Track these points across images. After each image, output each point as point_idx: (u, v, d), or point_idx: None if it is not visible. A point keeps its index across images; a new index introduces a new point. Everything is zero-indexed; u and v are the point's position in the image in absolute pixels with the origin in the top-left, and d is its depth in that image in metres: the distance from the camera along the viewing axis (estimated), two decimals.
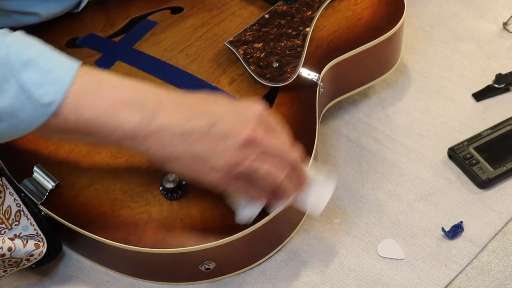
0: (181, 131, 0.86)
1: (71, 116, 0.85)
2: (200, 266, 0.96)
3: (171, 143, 0.87)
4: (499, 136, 1.14)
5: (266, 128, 0.89)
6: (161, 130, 0.86)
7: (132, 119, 0.86)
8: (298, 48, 1.09)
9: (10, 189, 0.99)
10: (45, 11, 1.11)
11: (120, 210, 0.97)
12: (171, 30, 1.15)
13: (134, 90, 0.88)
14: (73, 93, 0.84)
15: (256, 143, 0.88)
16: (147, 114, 0.86)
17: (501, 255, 1.04)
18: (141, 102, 0.86)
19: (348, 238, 1.05)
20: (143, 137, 0.86)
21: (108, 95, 0.86)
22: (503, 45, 1.29)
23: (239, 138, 0.87)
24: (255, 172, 0.88)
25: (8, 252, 0.92)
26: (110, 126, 0.86)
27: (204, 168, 0.88)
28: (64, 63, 0.86)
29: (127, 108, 0.86)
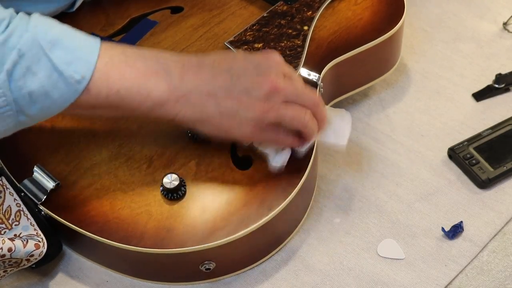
0: (207, 90, 0.90)
1: (102, 90, 0.87)
2: (200, 266, 0.96)
3: (200, 103, 0.90)
4: (499, 136, 1.14)
5: (284, 75, 0.93)
6: (189, 92, 0.89)
7: (161, 85, 0.89)
8: (298, 48, 1.09)
9: (10, 189, 0.99)
10: (39, 12, 1.10)
11: (120, 210, 0.97)
12: (171, 30, 1.15)
13: (157, 58, 0.91)
14: (101, 67, 0.87)
15: (278, 91, 0.91)
16: (173, 79, 0.89)
17: (501, 255, 1.04)
18: (166, 69, 0.89)
19: (348, 238, 1.05)
20: (172, 102, 0.89)
21: (134, 66, 0.89)
22: (503, 45, 1.29)
23: (262, 90, 0.91)
24: (283, 117, 0.92)
25: (8, 253, 0.92)
26: (141, 95, 0.88)
27: (234, 123, 0.91)
28: (87, 40, 0.88)
29: (155, 75, 0.89)
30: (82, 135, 1.03)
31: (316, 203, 1.08)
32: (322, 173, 1.12)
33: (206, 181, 0.98)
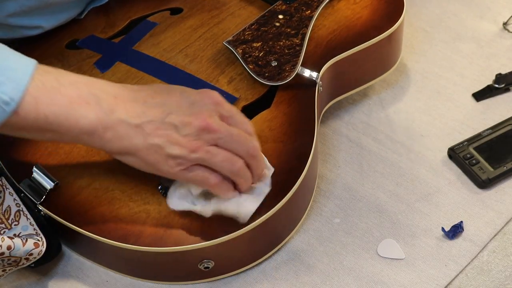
0: (137, 123, 0.89)
1: (31, 113, 0.86)
2: (199, 265, 0.96)
3: (127, 135, 0.89)
4: (499, 136, 1.14)
5: (221, 115, 0.91)
6: (118, 123, 0.88)
7: (90, 114, 0.87)
8: (297, 47, 1.09)
9: (9, 189, 0.99)
10: (48, 24, 1.12)
11: (118, 209, 0.97)
12: (170, 31, 1.15)
13: (91, 86, 0.89)
14: (31, 90, 0.85)
15: (209, 131, 0.90)
16: (103, 109, 0.88)
17: (501, 255, 1.04)
18: (98, 98, 0.88)
19: (348, 238, 1.05)
20: (101, 132, 0.88)
21: (66, 92, 0.87)
22: (503, 45, 1.29)
23: (192, 127, 0.89)
24: (212, 157, 0.90)
25: (7, 251, 0.92)
26: (69, 122, 0.87)
27: (161, 158, 0.90)
28: (21, 62, 0.87)
29: (85, 104, 0.88)
30: None
31: (316, 203, 1.08)
32: (322, 173, 1.12)
33: None
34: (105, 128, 0.88)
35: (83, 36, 1.15)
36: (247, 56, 1.08)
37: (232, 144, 0.91)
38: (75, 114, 0.87)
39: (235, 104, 1.06)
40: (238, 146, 0.92)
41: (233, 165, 0.92)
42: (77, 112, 0.87)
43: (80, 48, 1.14)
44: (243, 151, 0.92)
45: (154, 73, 1.09)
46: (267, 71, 1.07)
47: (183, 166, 0.90)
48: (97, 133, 0.88)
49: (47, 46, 1.14)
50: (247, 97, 1.07)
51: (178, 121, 0.89)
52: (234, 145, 0.91)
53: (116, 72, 1.10)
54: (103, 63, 1.11)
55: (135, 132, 0.89)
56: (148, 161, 0.91)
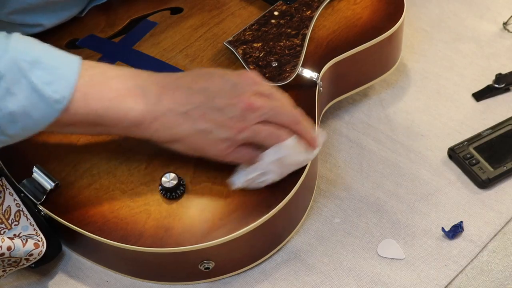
0: (184, 110, 0.91)
1: (81, 109, 0.88)
2: (200, 265, 0.96)
3: (175, 123, 0.91)
4: (499, 136, 1.14)
5: (262, 93, 0.94)
6: (165, 113, 0.91)
7: (138, 106, 0.90)
8: (297, 47, 1.09)
9: (9, 189, 0.99)
10: (49, 22, 1.12)
11: (119, 209, 0.97)
12: (170, 31, 1.15)
13: (136, 78, 0.92)
14: (80, 87, 0.88)
15: (253, 110, 0.92)
16: (151, 99, 0.90)
17: (501, 255, 1.04)
18: (144, 89, 0.91)
19: (348, 238, 1.05)
20: (149, 122, 0.91)
21: (113, 85, 0.90)
22: (503, 45, 1.29)
23: (237, 109, 0.91)
24: (258, 134, 0.93)
25: (8, 251, 0.92)
26: (119, 115, 0.90)
27: (209, 142, 0.92)
28: (67, 59, 0.89)
29: (132, 96, 0.90)
30: (81, 136, 1.03)
31: (316, 203, 1.08)
32: (322, 173, 1.12)
33: (205, 180, 0.98)
34: (154, 118, 0.90)
35: (83, 35, 1.15)
36: (247, 56, 1.08)
37: (276, 117, 0.94)
38: (124, 107, 0.90)
39: None
40: (282, 117, 0.94)
41: (278, 138, 0.94)
42: (126, 104, 0.90)
43: (80, 47, 1.14)
44: (288, 120, 0.95)
45: None
46: (268, 72, 1.07)
47: (232, 147, 0.93)
48: (146, 123, 0.91)
49: None
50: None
51: (222, 104, 0.91)
52: (278, 117, 0.94)
53: None
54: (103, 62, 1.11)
55: (183, 119, 0.91)
56: (197, 146, 0.93)
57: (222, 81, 0.93)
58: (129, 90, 0.90)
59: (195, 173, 0.98)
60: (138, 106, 0.90)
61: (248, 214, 0.95)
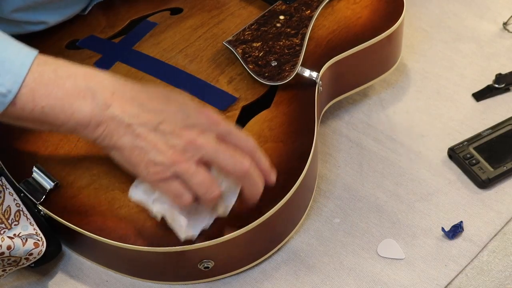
0: (128, 122, 0.89)
1: (28, 105, 0.87)
2: (199, 264, 0.96)
3: (117, 132, 0.89)
4: (499, 136, 1.14)
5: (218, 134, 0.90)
6: (110, 119, 0.89)
7: (85, 108, 0.88)
8: (296, 47, 1.09)
9: (9, 189, 0.99)
10: (52, 20, 1.12)
11: (119, 209, 0.97)
12: (170, 31, 1.15)
13: (89, 79, 0.90)
14: (29, 82, 0.87)
15: (196, 147, 0.89)
16: (99, 103, 0.89)
17: (501, 255, 1.04)
18: (94, 92, 0.89)
19: (348, 238, 1.05)
20: (94, 126, 0.89)
21: (64, 85, 0.88)
22: (503, 45, 1.29)
23: (181, 140, 0.89)
24: (191, 176, 0.89)
25: (7, 251, 0.92)
26: (65, 115, 0.88)
27: (143, 161, 0.89)
28: (21, 52, 0.88)
29: (81, 97, 0.88)
30: None
31: (316, 203, 1.08)
32: (322, 173, 1.12)
33: None
34: (98, 122, 0.89)
35: (83, 36, 1.15)
36: (247, 56, 1.08)
37: (219, 160, 0.90)
38: (70, 107, 0.88)
39: (235, 104, 1.06)
40: (226, 162, 0.90)
41: (209, 192, 0.90)
42: (73, 105, 0.88)
43: (80, 48, 1.14)
44: (231, 167, 0.90)
45: (154, 73, 1.09)
46: (267, 71, 1.07)
47: (161, 175, 0.89)
48: (91, 127, 0.89)
49: (47, 46, 1.14)
50: (247, 97, 1.07)
51: (168, 131, 0.89)
52: (222, 160, 0.90)
53: (116, 72, 1.09)
54: (103, 63, 1.11)
55: (125, 131, 0.89)
56: (130, 161, 0.90)
57: (177, 109, 0.91)
58: (78, 91, 0.88)
59: None
60: (85, 108, 0.88)
61: (247, 214, 0.95)
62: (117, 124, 0.89)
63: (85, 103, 0.88)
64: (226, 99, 1.06)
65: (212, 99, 1.06)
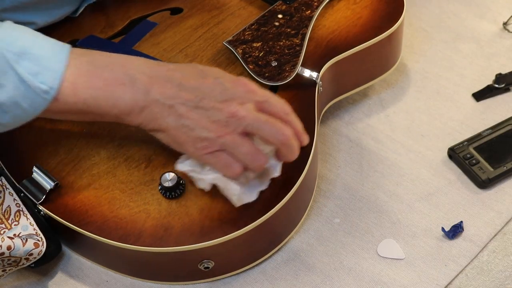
0: (170, 103, 0.91)
1: (70, 98, 0.89)
2: (199, 265, 0.96)
3: (161, 115, 0.91)
4: (499, 136, 1.14)
5: (256, 102, 0.92)
6: (153, 103, 0.91)
7: (126, 96, 0.90)
8: (297, 47, 1.09)
9: (9, 189, 0.99)
10: (42, 21, 1.11)
11: (119, 209, 0.97)
12: (170, 31, 1.15)
13: (126, 66, 0.92)
14: (68, 76, 0.89)
15: (239, 117, 0.91)
16: (139, 89, 0.90)
17: (501, 255, 1.04)
18: (133, 79, 0.91)
19: (348, 238, 1.05)
20: (137, 112, 0.91)
21: (102, 75, 0.90)
22: (503, 45, 1.29)
23: (222, 113, 0.91)
24: (237, 147, 0.91)
25: (7, 251, 0.92)
26: (107, 104, 0.90)
27: (190, 138, 0.91)
28: (56, 48, 0.89)
29: (121, 85, 0.90)
30: (81, 135, 1.03)
31: (316, 203, 1.08)
32: (322, 173, 1.12)
33: None
34: (141, 107, 0.91)
35: (83, 36, 1.15)
36: (247, 56, 1.08)
37: (261, 130, 0.91)
38: (112, 96, 0.90)
39: None
40: (268, 132, 0.92)
41: (256, 160, 0.92)
42: (114, 93, 0.90)
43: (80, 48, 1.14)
44: (273, 137, 0.92)
45: None
46: (267, 71, 1.07)
47: (209, 149, 0.92)
48: (134, 113, 0.91)
49: None
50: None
51: (209, 106, 0.91)
52: (264, 131, 0.92)
53: None
54: None
55: (168, 112, 0.91)
56: (177, 140, 0.92)
57: (214, 83, 0.92)
58: (117, 80, 0.90)
59: None
60: (126, 96, 0.90)
61: (247, 214, 0.95)
62: (159, 107, 0.91)
63: (126, 91, 0.90)
64: None
65: None
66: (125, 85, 0.90)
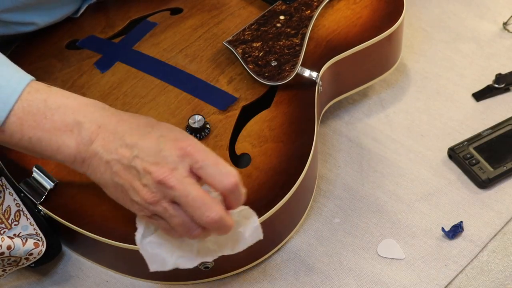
0: (107, 159, 0.87)
1: (16, 134, 0.87)
2: (199, 264, 0.96)
3: (99, 170, 0.88)
4: (499, 136, 1.14)
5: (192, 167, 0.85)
6: (93, 156, 0.87)
7: (70, 143, 0.87)
8: (296, 47, 1.09)
9: (9, 189, 0.99)
10: (42, 21, 1.11)
11: (119, 209, 0.96)
12: (170, 31, 1.15)
13: (78, 111, 0.88)
14: (17, 111, 0.86)
15: (167, 186, 0.84)
16: (83, 139, 0.87)
17: (501, 255, 1.04)
18: (81, 126, 0.87)
19: (348, 238, 1.05)
20: (79, 162, 0.88)
21: (52, 117, 0.87)
22: (503, 45, 1.29)
23: (151, 178, 0.85)
24: (169, 218, 0.86)
25: (7, 251, 0.92)
26: (51, 148, 0.88)
27: (126, 199, 0.88)
28: (13, 79, 0.87)
29: (68, 131, 0.87)
30: None
31: (316, 203, 1.08)
32: (322, 173, 1.12)
33: None
34: (83, 158, 0.88)
35: (83, 36, 1.15)
36: (247, 56, 1.08)
37: (187, 207, 0.85)
38: (57, 140, 0.87)
39: (235, 104, 1.05)
40: (192, 211, 0.85)
41: (190, 231, 0.86)
42: (59, 139, 0.87)
43: (80, 48, 1.14)
44: (197, 217, 0.85)
45: (154, 73, 1.09)
46: (267, 71, 1.07)
47: (146, 213, 0.88)
48: (77, 162, 0.88)
49: (47, 46, 1.14)
50: (247, 97, 1.07)
51: (141, 167, 0.85)
52: (189, 208, 0.85)
53: (116, 72, 1.10)
54: (103, 63, 1.11)
55: (105, 167, 0.87)
56: (117, 198, 0.89)
57: (153, 142, 0.86)
58: (66, 125, 0.87)
59: None
60: (71, 144, 0.87)
61: None
62: (98, 161, 0.87)
63: (71, 138, 0.87)
64: (226, 99, 1.06)
65: (212, 99, 1.06)
66: (72, 131, 0.87)
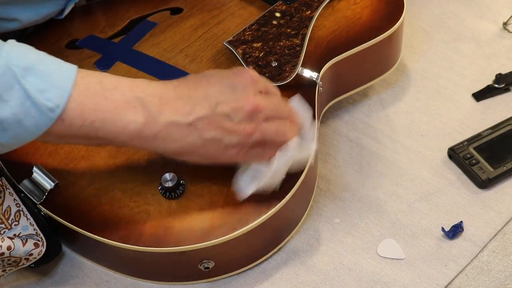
0: (188, 121, 0.88)
1: (76, 119, 0.85)
2: (199, 265, 0.96)
3: (181, 136, 0.88)
4: (499, 136, 1.14)
5: (261, 92, 0.92)
6: (169, 125, 0.87)
7: (138, 118, 0.86)
8: (297, 47, 1.09)
9: (10, 189, 0.99)
10: (26, 17, 1.09)
11: (119, 209, 0.97)
12: (170, 31, 1.15)
13: (134, 88, 0.88)
14: (76, 96, 0.84)
15: (259, 111, 0.90)
16: (151, 112, 0.87)
17: (501, 255, 1.04)
18: (143, 101, 0.87)
19: (348, 238, 1.05)
20: (151, 136, 0.87)
21: (111, 97, 0.86)
22: (503, 45, 1.29)
23: (244, 112, 0.89)
24: (266, 134, 0.91)
25: (7, 251, 0.92)
26: (117, 128, 0.86)
27: (220, 149, 0.90)
28: (63, 67, 0.86)
29: (132, 108, 0.86)
30: None
31: (316, 203, 1.08)
32: (322, 173, 1.12)
33: (204, 179, 0.98)
34: (155, 131, 0.87)
35: (83, 36, 1.15)
36: (247, 56, 1.08)
37: (277, 112, 0.92)
38: (122, 119, 0.86)
39: None
40: (281, 112, 0.93)
41: (285, 134, 0.92)
42: (125, 117, 0.86)
43: (80, 48, 1.14)
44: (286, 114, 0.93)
45: (154, 73, 1.09)
46: (267, 72, 1.07)
47: (243, 151, 0.91)
48: (147, 137, 0.87)
49: (47, 46, 1.14)
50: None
51: (228, 110, 0.89)
52: (278, 112, 0.92)
53: (116, 72, 1.09)
54: (103, 63, 1.11)
55: (189, 131, 0.88)
56: (208, 155, 0.90)
57: (221, 85, 0.90)
58: (128, 102, 0.86)
59: (195, 173, 0.98)
60: (138, 119, 0.86)
61: (247, 214, 0.95)
62: (177, 128, 0.88)
63: (137, 114, 0.86)
64: None
65: None
66: (136, 107, 0.86)
